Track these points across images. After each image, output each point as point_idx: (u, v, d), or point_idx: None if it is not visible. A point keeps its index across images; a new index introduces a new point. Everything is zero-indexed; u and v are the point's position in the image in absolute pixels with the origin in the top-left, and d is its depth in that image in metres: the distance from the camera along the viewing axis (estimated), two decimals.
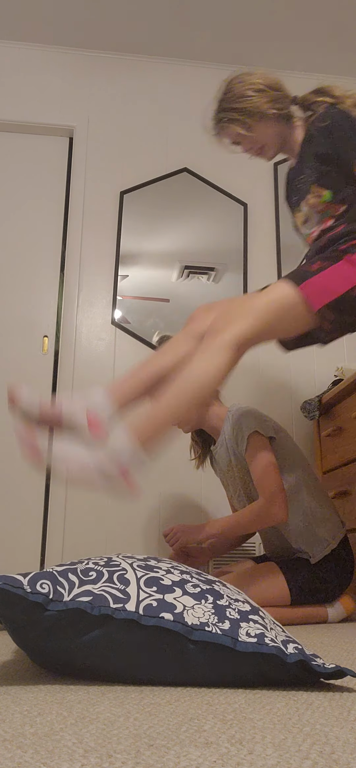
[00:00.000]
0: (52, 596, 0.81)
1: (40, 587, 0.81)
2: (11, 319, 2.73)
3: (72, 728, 0.58)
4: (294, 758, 0.50)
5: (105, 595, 0.83)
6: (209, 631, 0.80)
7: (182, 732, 0.57)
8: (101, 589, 0.84)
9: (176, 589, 0.87)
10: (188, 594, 0.87)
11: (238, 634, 0.81)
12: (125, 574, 0.89)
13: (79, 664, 0.82)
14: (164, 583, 0.88)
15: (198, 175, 2.98)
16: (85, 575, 0.87)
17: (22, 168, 2.95)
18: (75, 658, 0.82)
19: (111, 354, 2.72)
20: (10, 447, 2.58)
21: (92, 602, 0.81)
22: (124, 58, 3.12)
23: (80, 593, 0.83)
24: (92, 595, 0.82)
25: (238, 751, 0.52)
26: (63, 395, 2.60)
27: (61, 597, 0.81)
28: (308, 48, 3.08)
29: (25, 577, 0.82)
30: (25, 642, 0.83)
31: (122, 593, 0.84)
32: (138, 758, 0.49)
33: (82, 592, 0.83)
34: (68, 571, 0.87)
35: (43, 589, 0.81)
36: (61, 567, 0.89)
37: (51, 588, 0.82)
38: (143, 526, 2.54)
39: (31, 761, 0.48)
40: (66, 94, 3.04)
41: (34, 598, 0.79)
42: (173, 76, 3.13)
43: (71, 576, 0.86)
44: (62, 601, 0.81)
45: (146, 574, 0.90)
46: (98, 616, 0.80)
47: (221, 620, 0.83)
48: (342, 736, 0.57)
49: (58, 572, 0.86)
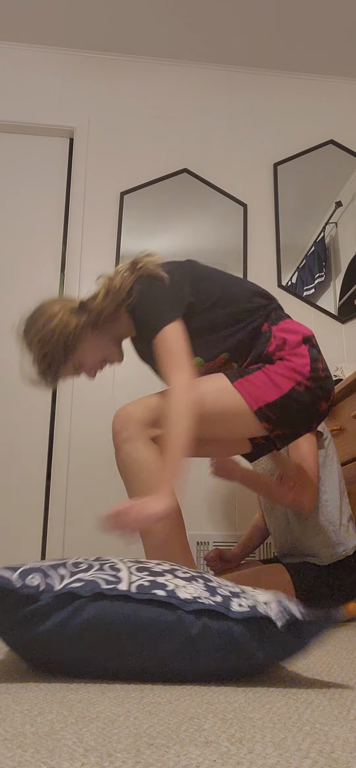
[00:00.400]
0: (42, 588, 0.81)
1: (30, 581, 0.81)
2: (11, 319, 2.73)
3: (72, 727, 0.59)
4: (294, 757, 0.50)
5: (96, 580, 0.83)
6: (202, 602, 0.81)
7: (182, 731, 0.58)
8: (93, 576, 0.84)
9: (167, 575, 0.88)
10: (178, 578, 0.88)
11: (230, 605, 0.83)
12: (115, 564, 0.90)
13: (72, 651, 0.81)
14: (155, 570, 0.89)
15: (198, 175, 2.99)
16: (75, 567, 0.88)
17: (23, 169, 2.95)
18: (69, 645, 0.80)
19: None
20: (10, 446, 2.58)
21: (84, 586, 0.81)
22: (124, 59, 3.12)
23: (72, 581, 0.83)
24: (84, 581, 0.83)
25: (238, 750, 0.52)
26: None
27: (51, 588, 0.81)
28: (308, 48, 3.08)
29: (14, 571, 0.82)
30: (19, 640, 0.82)
31: (114, 577, 0.84)
32: (138, 757, 0.49)
33: (74, 580, 0.83)
34: (58, 566, 0.88)
35: (33, 582, 0.81)
36: (52, 561, 0.90)
37: (41, 581, 0.82)
38: None
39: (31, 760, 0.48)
40: (66, 94, 3.04)
41: (24, 591, 0.79)
42: (173, 77, 3.13)
43: (61, 570, 0.86)
44: (53, 590, 0.81)
45: (136, 564, 0.91)
46: (91, 595, 0.80)
47: (213, 595, 0.84)
48: (342, 735, 0.57)
49: (48, 566, 0.86)
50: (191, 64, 3.16)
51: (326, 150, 3.14)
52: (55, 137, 3.02)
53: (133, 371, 2.71)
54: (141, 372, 2.73)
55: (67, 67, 3.08)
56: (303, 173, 3.09)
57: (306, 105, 3.20)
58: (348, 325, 2.90)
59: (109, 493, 2.55)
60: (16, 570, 0.83)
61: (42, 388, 1.54)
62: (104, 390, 2.67)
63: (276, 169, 3.06)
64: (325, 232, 2.99)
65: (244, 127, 3.12)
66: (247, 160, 3.08)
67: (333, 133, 3.17)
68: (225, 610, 0.81)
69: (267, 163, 3.08)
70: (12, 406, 2.63)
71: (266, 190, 3.04)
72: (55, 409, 2.65)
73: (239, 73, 3.20)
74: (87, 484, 2.55)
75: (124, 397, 2.66)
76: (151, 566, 0.91)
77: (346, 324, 2.90)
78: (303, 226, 3.01)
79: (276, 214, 3.00)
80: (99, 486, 2.56)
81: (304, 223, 3.02)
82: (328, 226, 3.00)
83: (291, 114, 3.18)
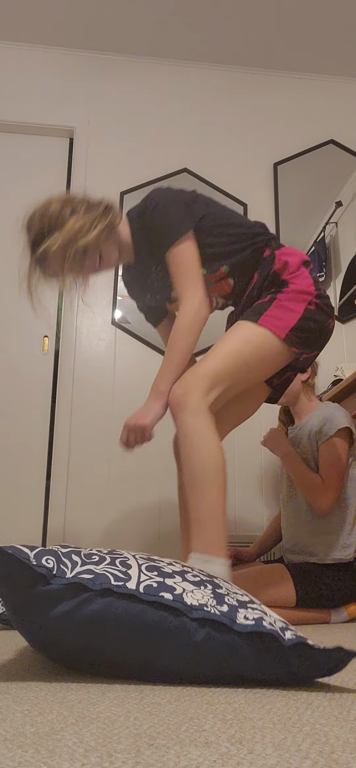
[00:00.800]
0: (55, 572, 0.82)
1: (45, 562, 0.82)
2: (11, 319, 2.73)
3: (73, 728, 0.59)
4: (294, 758, 0.50)
5: (106, 574, 0.84)
6: (207, 611, 0.81)
7: (182, 731, 0.58)
8: (103, 569, 0.85)
9: (177, 576, 0.88)
10: (187, 581, 0.88)
11: (236, 616, 0.82)
12: (127, 560, 0.91)
13: (79, 643, 0.82)
14: (165, 570, 0.90)
15: (198, 175, 2.99)
16: (88, 558, 0.89)
17: (23, 169, 2.95)
18: (73, 634, 0.81)
19: (111, 354, 2.72)
20: (10, 446, 2.58)
21: (94, 579, 0.82)
22: (124, 59, 3.12)
23: (82, 571, 0.84)
24: (94, 573, 0.84)
25: (238, 751, 0.52)
26: None
27: (63, 574, 0.82)
28: (308, 48, 3.08)
29: (31, 550, 0.83)
30: (26, 619, 0.83)
31: (124, 574, 0.85)
32: (138, 758, 0.49)
33: (85, 571, 0.84)
34: (72, 553, 0.89)
35: (48, 564, 0.82)
36: (66, 548, 0.91)
37: (55, 564, 0.83)
38: (143, 526, 2.54)
39: (31, 761, 0.48)
40: (66, 94, 3.04)
41: (39, 570, 0.80)
42: (173, 77, 3.13)
43: (75, 557, 0.88)
44: (65, 577, 0.82)
45: (147, 562, 0.91)
46: (99, 589, 0.81)
47: (219, 604, 0.84)
48: (342, 736, 0.57)
49: (62, 552, 0.88)
50: (191, 64, 3.16)
51: (326, 150, 3.14)
52: (55, 137, 3.02)
53: (133, 371, 2.71)
54: (141, 372, 2.73)
55: (67, 67, 3.08)
56: (303, 173, 3.09)
57: (306, 105, 3.20)
58: (349, 325, 2.90)
59: (109, 492, 2.55)
60: (33, 549, 0.84)
61: (49, 280, 1.56)
62: (104, 390, 2.67)
63: (276, 169, 3.06)
64: (325, 232, 2.99)
65: (244, 127, 3.12)
66: (247, 160, 3.08)
67: (333, 132, 3.17)
68: (230, 622, 0.81)
69: (267, 163, 3.08)
70: (12, 406, 2.63)
71: (266, 189, 3.04)
72: (55, 409, 2.65)
73: (239, 73, 3.20)
74: (87, 484, 2.55)
75: (124, 397, 2.66)
76: (161, 566, 0.92)
77: (346, 324, 2.90)
78: (303, 226, 3.01)
79: (276, 213, 2.99)
80: (99, 486, 2.56)
81: (304, 223, 3.02)
82: (328, 225, 3.00)
83: (291, 114, 3.18)
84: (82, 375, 2.68)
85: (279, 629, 0.82)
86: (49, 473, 2.58)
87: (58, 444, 2.58)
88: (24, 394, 2.65)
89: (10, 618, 0.86)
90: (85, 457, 2.58)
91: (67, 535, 2.47)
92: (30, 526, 2.50)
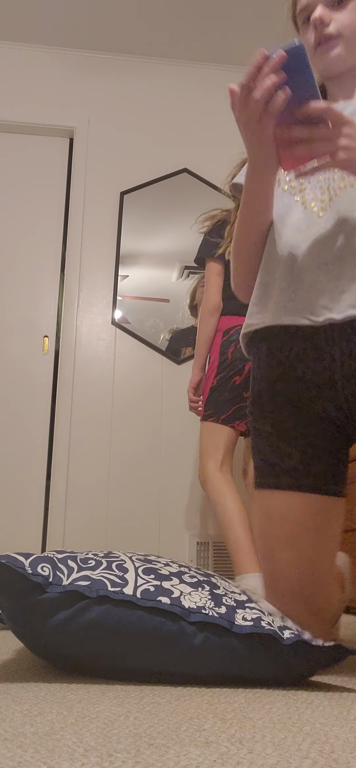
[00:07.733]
0: (51, 579, 0.81)
1: (41, 569, 0.81)
2: (11, 319, 2.73)
3: (72, 727, 0.59)
4: (294, 757, 0.50)
5: (103, 580, 0.83)
6: (205, 614, 0.81)
7: (182, 731, 0.57)
8: (100, 575, 0.85)
9: (174, 579, 0.88)
10: (185, 583, 0.88)
11: (234, 618, 0.82)
12: (123, 563, 0.90)
13: (78, 651, 0.82)
14: (162, 572, 0.89)
15: (198, 175, 2.98)
16: (84, 563, 0.88)
17: (23, 169, 2.95)
18: (72, 642, 0.81)
19: (111, 354, 2.72)
20: (10, 446, 2.58)
21: (90, 586, 0.82)
22: (124, 59, 3.12)
23: (79, 578, 0.83)
24: (91, 580, 0.83)
25: (238, 751, 0.52)
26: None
27: (60, 581, 0.82)
28: None
29: (26, 558, 0.83)
30: (24, 627, 0.83)
31: (120, 579, 0.85)
32: (138, 757, 0.49)
33: (81, 577, 0.83)
34: (68, 558, 0.88)
35: (44, 572, 0.81)
36: (62, 554, 0.90)
37: (51, 572, 0.82)
38: (143, 525, 2.54)
39: (31, 760, 0.48)
40: (66, 94, 3.04)
41: (35, 579, 0.80)
42: (173, 77, 3.13)
43: (71, 563, 0.87)
44: (61, 584, 0.81)
45: (144, 564, 0.91)
46: (96, 597, 0.81)
47: (217, 605, 0.84)
48: (342, 736, 0.57)
49: (58, 558, 0.87)
50: (191, 64, 3.16)
51: None
52: (55, 137, 3.02)
53: (133, 371, 2.71)
54: (141, 372, 2.73)
55: (67, 67, 3.08)
56: None
57: None
58: None
59: (109, 492, 2.55)
60: (28, 557, 0.83)
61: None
62: (104, 390, 2.67)
63: None
64: None
65: None
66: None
67: None
68: (228, 624, 0.81)
69: None
70: (12, 406, 2.63)
71: None
72: (55, 409, 2.65)
73: (240, 73, 3.19)
74: (87, 485, 2.55)
75: (124, 397, 2.66)
76: (158, 567, 0.91)
77: None
78: None
79: None
80: (99, 486, 2.56)
81: None
82: None
83: None
84: (82, 375, 2.68)
85: (278, 628, 0.82)
86: (49, 473, 2.58)
87: (58, 444, 2.58)
88: (24, 394, 2.65)
89: (8, 626, 0.86)
90: (85, 457, 2.58)
91: (67, 534, 2.47)
92: (30, 525, 2.50)
